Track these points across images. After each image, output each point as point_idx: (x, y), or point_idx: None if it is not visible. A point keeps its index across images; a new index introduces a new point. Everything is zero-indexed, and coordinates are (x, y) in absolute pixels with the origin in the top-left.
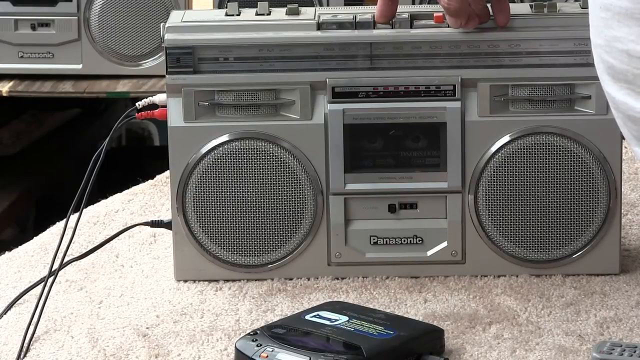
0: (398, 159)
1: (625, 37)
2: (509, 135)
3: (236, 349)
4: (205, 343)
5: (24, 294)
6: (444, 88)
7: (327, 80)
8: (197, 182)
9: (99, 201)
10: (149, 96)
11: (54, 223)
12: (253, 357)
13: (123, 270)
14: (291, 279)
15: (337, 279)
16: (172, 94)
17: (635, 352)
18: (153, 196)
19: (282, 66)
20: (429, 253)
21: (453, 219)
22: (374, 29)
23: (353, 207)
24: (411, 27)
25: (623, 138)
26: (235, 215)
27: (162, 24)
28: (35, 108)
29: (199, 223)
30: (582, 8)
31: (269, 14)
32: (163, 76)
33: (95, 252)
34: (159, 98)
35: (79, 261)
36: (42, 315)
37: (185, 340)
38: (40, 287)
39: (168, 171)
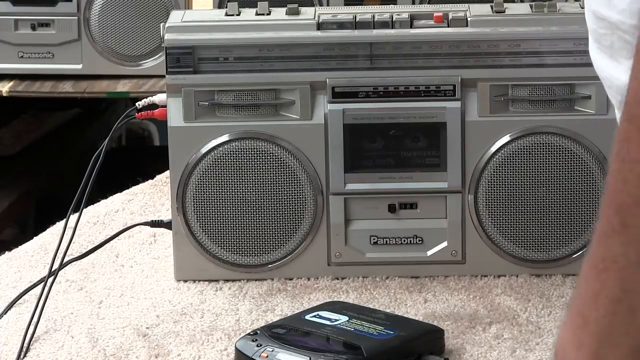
0: (398, 159)
1: None
2: (509, 135)
3: (236, 349)
4: (205, 343)
5: (24, 294)
6: (444, 88)
7: (327, 80)
8: (197, 182)
9: (99, 201)
10: (149, 96)
11: (54, 223)
12: (253, 357)
13: (123, 270)
14: (291, 279)
15: (337, 279)
16: (172, 94)
17: None
18: (153, 196)
19: (282, 66)
20: (429, 253)
21: (453, 219)
22: (374, 29)
23: (353, 207)
24: (411, 27)
25: None
26: (235, 215)
27: (162, 24)
28: (35, 108)
29: (199, 223)
30: (582, 8)
31: (269, 14)
32: (163, 76)
33: (95, 252)
34: (159, 98)
35: (79, 261)
36: (42, 315)
37: (185, 340)
38: (40, 287)
39: (168, 171)
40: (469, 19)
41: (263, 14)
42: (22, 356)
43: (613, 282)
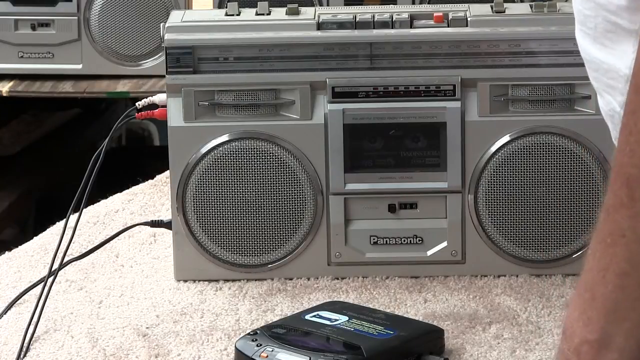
0: (398, 159)
1: None
2: (509, 135)
3: (236, 349)
4: (205, 343)
5: (24, 294)
6: (444, 88)
7: (327, 80)
8: (197, 182)
9: (99, 201)
10: (149, 96)
11: (54, 223)
12: (253, 357)
13: (123, 270)
14: (291, 279)
15: (337, 279)
16: (172, 94)
17: None
18: (153, 196)
19: (282, 66)
20: (429, 253)
21: (453, 219)
22: (374, 29)
23: (353, 207)
24: (411, 27)
25: None
26: (235, 215)
27: (162, 24)
28: (35, 108)
29: (199, 223)
30: None
31: (269, 14)
32: (163, 76)
33: (95, 252)
34: (159, 98)
35: (79, 261)
36: (42, 315)
37: (185, 340)
38: (40, 287)
39: (168, 171)
40: (469, 19)
41: (263, 14)
42: (22, 356)
43: (621, 256)
